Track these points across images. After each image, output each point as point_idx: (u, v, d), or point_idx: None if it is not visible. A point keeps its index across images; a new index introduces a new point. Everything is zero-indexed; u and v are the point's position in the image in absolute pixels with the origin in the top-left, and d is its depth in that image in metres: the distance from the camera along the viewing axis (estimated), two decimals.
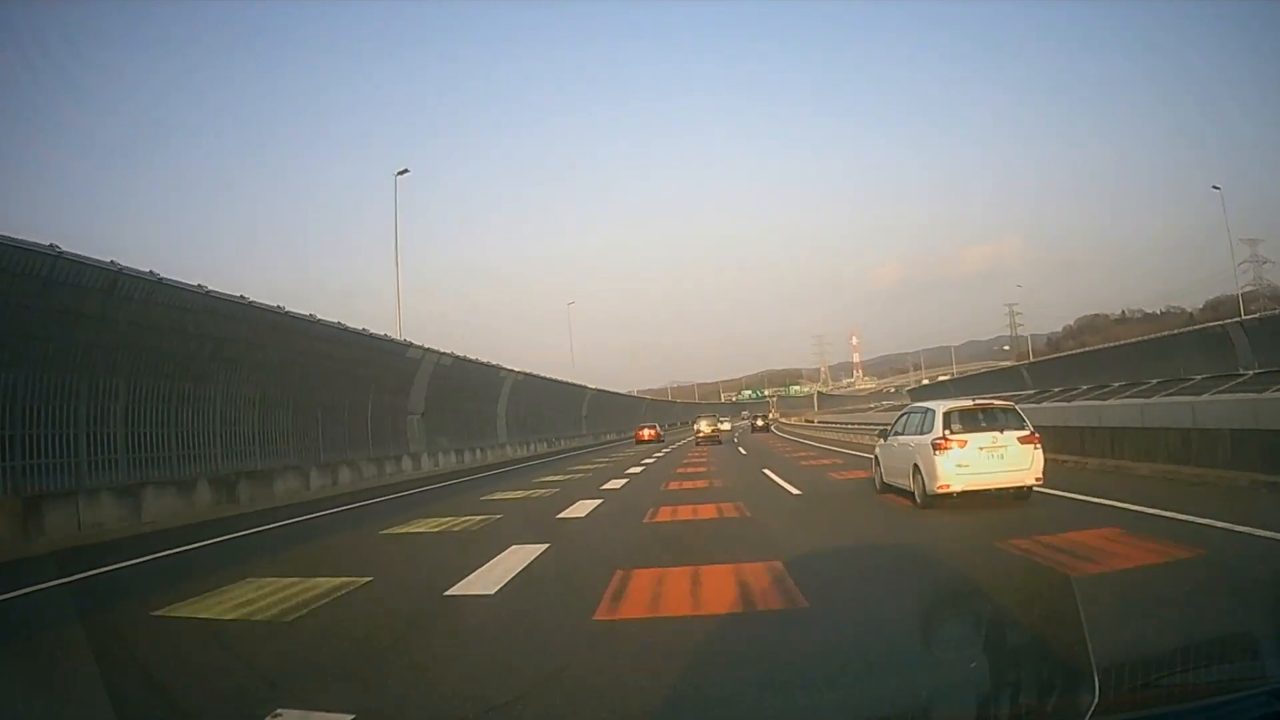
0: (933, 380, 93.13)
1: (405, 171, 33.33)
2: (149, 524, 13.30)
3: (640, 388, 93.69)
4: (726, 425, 58.69)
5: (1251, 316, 34.47)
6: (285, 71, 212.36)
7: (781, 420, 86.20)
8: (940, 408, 10.38)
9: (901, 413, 12.71)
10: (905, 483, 10.87)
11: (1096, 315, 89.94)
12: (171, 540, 11.34)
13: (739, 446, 34.38)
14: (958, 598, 5.28)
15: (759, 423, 65.51)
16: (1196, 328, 38.16)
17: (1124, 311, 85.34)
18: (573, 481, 19.42)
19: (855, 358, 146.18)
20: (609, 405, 66.29)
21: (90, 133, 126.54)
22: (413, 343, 27.44)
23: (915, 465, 10.39)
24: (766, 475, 17.63)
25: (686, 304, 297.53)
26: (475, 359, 33.21)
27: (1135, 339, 43.12)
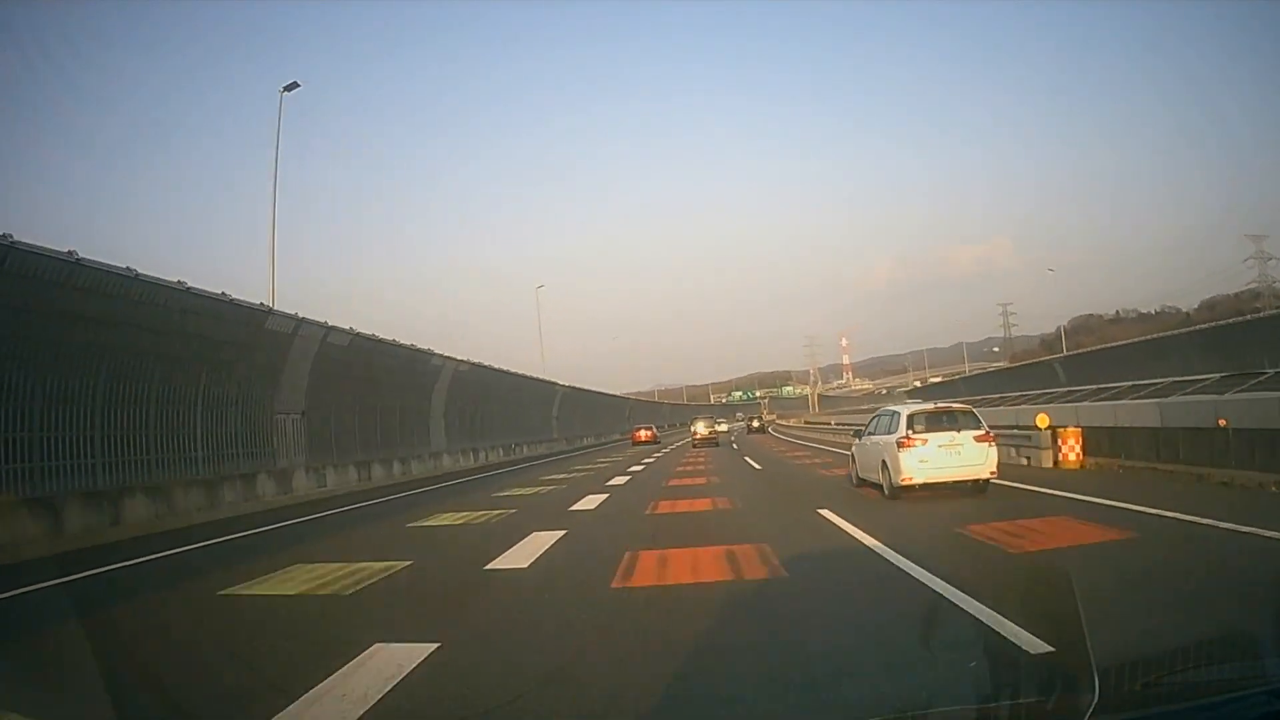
0: (946, 379, 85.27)
1: (295, 86, 25.56)
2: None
3: (627, 390, 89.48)
4: (724, 427, 59.66)
5: None
6: (285, 72, 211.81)
7: (779, 421, 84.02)
8: (905, 410, 11.70)
9: (874, 415, 13.87)
10: (876, 477, 12.03)
11: (1090, 315, 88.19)
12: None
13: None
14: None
15: (754, 424, 65.61)
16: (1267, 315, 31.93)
17: (1118, 312, 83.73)
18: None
19: (845, 359, 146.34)
20: (587, 405, 60.56)
21: (90, 133, 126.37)
22: (274, 309, 19.25)
23: (884, 461, 11.61)
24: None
25: (675, 306, 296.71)
26: (393, 340, 25.99)
27: (1187, 328, 36.44)
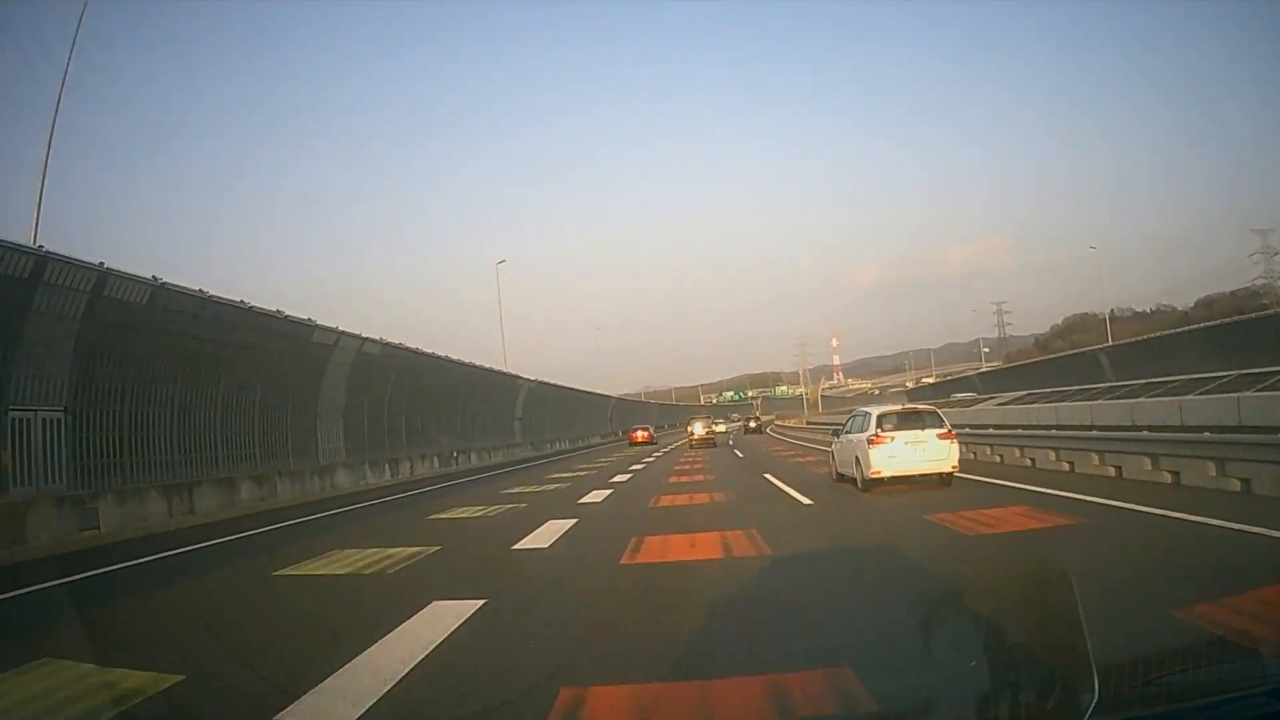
0: (959, 375, 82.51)
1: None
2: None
3: (615, 392, 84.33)
4: (721, 427, 60.32)
5: None
6: (285, 72, 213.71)
7: (778, 422, 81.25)
8: (875, 411, 13.13)
9: (850, 416, 15.24)
10: (852, 472, 13.34)
11: (1085, 314, 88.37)
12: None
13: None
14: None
15: (751, 424, 65.98)
16: None
17: (1113, 310, 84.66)
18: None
19: (835, 360, 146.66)
20: (560, 404, 53.58)
21: (90, 133, 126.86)
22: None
23: (856, 457, 12.96)
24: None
25: (664, 307, 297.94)
26: (265, 308, 19.47)
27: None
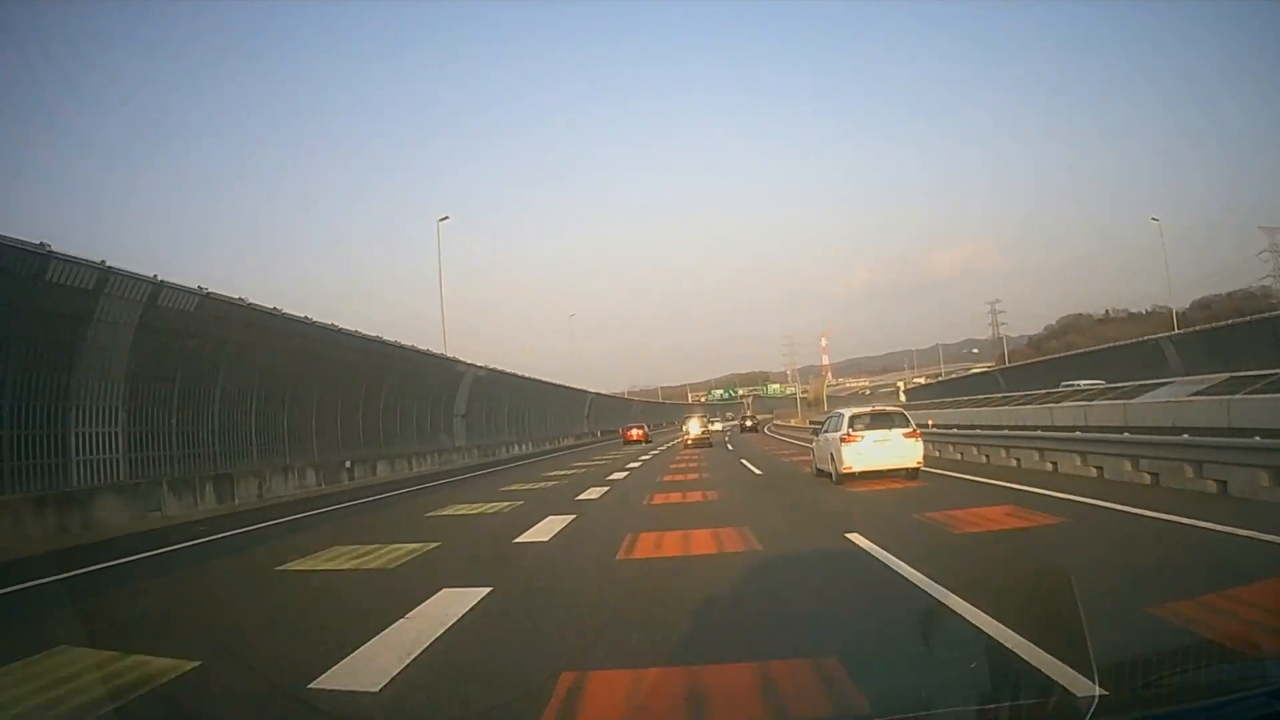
0: (965, 373, 79.40)
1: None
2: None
3: (603, 392, 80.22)
4: (718, 426, 60.19)
5: None
6: (285, 71, 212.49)
7: (777, 422, 78.11)
8: (848, 413, 14.71)
9: (827, 416, 16.75)
10: (828, 467, 14.66)
11: (1079, 315, 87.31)
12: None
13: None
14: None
15: (748, 423, 66.64)
16: None
17: (1108, 311, 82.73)
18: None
19: (824, 360, 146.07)
20: (522, 399, 45.63)
21: (90, 133, 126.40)
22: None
23: (831, 454, 14.30)
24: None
25: (653, 308, 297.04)
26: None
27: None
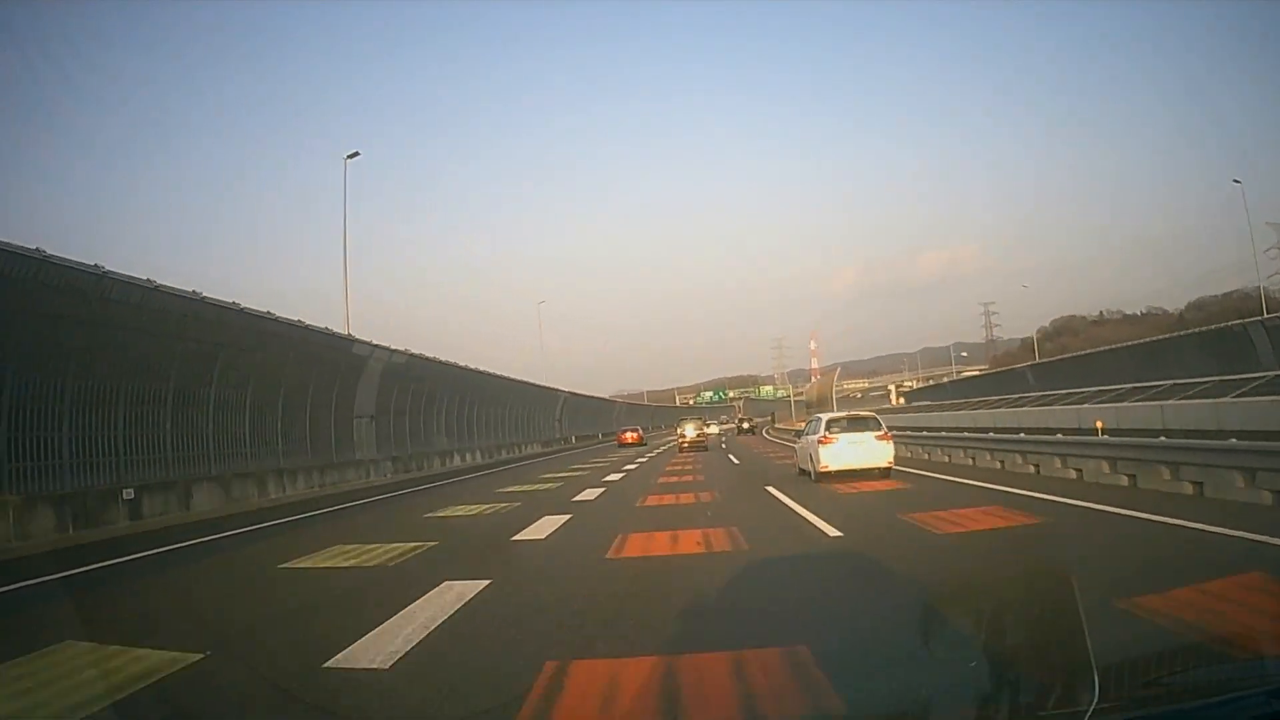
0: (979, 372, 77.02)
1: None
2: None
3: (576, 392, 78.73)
4: (715, 429, 59.28)
5: None
6: (284, 71, 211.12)
7: (778, 425, 73.89)
8: (825, 418, 16.12)
9: (808, 420, 18.20)
10: (809, 467, 16.00)
11: (1073, 316, 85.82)
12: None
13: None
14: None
15: (745, 425, 66.43)
16: None
17: (1102, 313, 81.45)
18: None
19: (814, 363, 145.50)
20: (463, 395, 36.87)
21: (90, 133, 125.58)
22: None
23: (810, 455, 15.71)
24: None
25: (640, 311, 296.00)
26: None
27: None
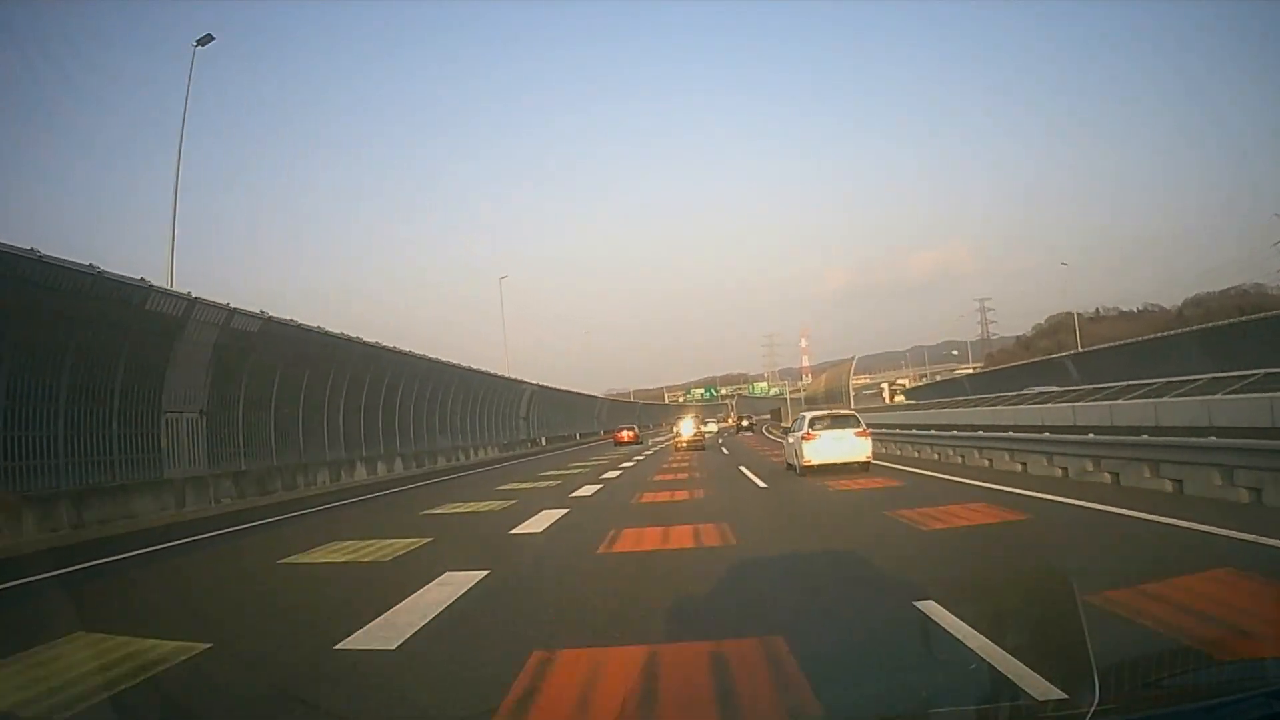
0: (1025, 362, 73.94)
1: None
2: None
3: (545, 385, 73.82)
4: (713, 427, 58.61)
5: None
6: (284, 71, 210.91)
7: (785, 425, 72.92)
8: (809, 416, 17.73)
9: (795, 419, 20.21)
10: (794, 461, 17.33)
11: (1068, 314, 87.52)
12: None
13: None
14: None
15: (744, 423, 66.67)
16: None
17: (1098, 310, 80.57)
18: None
19: (804, 361, 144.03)
20: (390, 380, 28.87)
21: (90, 133, 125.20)
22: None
23: (795, 450, 17.08)
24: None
25: (629, 310, 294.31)
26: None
27: None
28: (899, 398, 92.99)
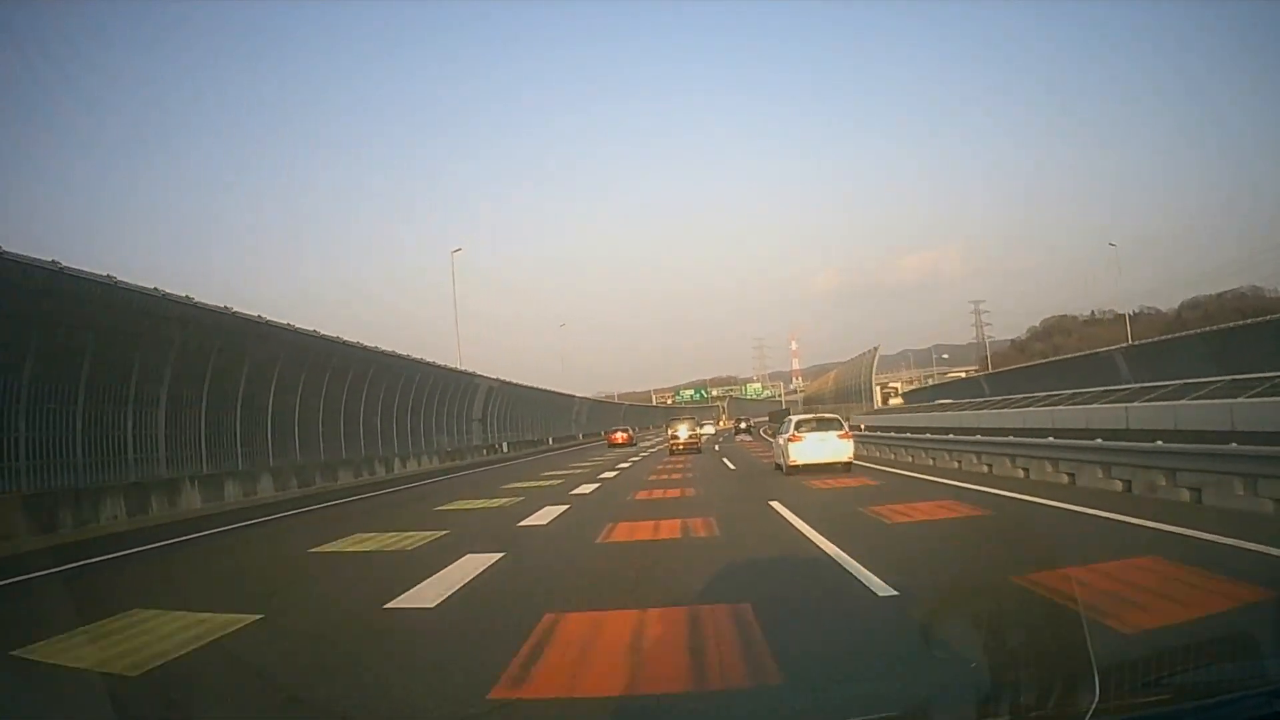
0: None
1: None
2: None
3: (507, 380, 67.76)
4: (710, 429, 56.85)
5: None
6: (285, 71, 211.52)
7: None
8: (794, 419, 18.97)
9: (782, 421, 21.20)
10: (781, 461, 18.44)
11: (1064, 316, 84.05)
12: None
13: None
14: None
15: (742, 425, 65.02)
16: None
17: (1094, 312, 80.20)
18: None
19: (794, 364, 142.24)
20: (280, 370, 22.46)
21: (90, 133, 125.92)
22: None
23: (782, 451, 18.24)
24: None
25: (619, 313, 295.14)
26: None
27: None
28: (894, 400, 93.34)
